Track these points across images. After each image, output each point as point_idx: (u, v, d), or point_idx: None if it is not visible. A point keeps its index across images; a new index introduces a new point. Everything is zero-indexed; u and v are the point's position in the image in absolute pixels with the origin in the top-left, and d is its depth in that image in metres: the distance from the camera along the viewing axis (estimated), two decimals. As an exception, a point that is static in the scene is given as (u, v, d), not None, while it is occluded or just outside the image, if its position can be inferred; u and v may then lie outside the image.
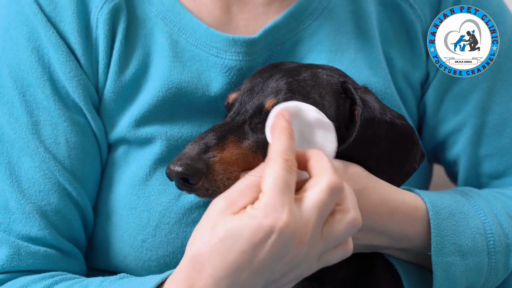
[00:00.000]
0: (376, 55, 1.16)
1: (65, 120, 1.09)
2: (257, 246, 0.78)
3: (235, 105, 0.98)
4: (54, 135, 1.09)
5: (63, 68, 1.09)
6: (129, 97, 1.12)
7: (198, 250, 0.81)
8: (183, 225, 1.10)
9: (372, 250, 1.01)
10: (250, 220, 0.78)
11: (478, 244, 0.99)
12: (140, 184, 1.11)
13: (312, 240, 0.80)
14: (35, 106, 1.09)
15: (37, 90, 1.09)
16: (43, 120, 1.09)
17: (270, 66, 1.04)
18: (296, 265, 0.82)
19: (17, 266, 1.04)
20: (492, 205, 1.04)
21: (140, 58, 1.12)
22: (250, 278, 0.80)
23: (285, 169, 0.80)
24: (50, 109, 1.09)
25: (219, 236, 0.79)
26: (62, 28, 1.10)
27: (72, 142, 1.09)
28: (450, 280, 0.97)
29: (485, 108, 1.17)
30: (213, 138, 0.91)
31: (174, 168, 0.87)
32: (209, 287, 0.81)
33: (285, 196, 0.79)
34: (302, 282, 0.99)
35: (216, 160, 0.89)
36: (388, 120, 0.97)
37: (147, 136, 1.11)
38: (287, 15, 1.14)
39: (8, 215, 1.05)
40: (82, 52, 1.10)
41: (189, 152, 0.88)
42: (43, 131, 1.08)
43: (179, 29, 1.13)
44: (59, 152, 1.08)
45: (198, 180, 0.88)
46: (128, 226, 1.11)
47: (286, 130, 0.84)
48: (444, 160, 1.25)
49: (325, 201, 0.80)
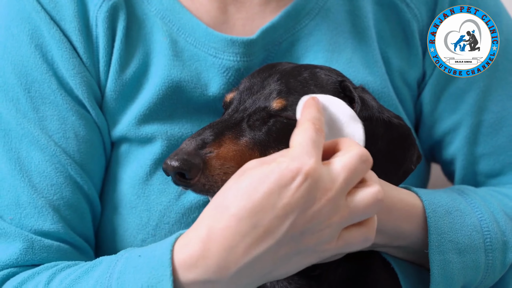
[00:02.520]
0: (373, 54, 1.16)
1: (73, 114, 1.09)
2: (283, 188, 0.80)
3: (233, 103, 0.98)
4: (62, 129, 1.09)
5: (67, 65, 1.09)
6: (130, 95, 1.13)
7: (223, 195, 0.83)
8: (183, 225, 1.10)
9: (369, 248, 1.00)
10: (278, 164, 0.82)
11: (475, 242, 0.99)
12: (140, 184, 1.12)
13: (336, 200, 0.82)
14: (41, 102, 1.09)
15: (43, 86, 1.09)
16: (50, 115, 1.08)
17: (268, 66, 1.04)
18: (317, 226, 0.82)
19: (31, 260, 1.03)
20: (489, 202, 1.04)
21: (141, 57, 1.13)
22: (271, 223, 0.81)
23: (314, 129, 0.84)
24: (58, 103, 1.09)
25: (246, 180, 0.82)
26: (64, 26, 1.10)
27: (81, 136, 1.09)
28: (447, 277, 0.97)
29: (482, 107, 1.18)
30: (210, 134, 0.91)
31: (171, 163, 0.88)
32: (230, 228, 0.82)
33: (313, 149, 0.82)
34: (300, 281, 1.01)
35: (212, 156, 0.89)
36: (386, 119, 0.97)
37: (148, 135, 1.12)
38: (284, 15, 1.14)
39: (20, 211, 1.05)
40: (84, 50, 1.10)
41: (185, 148, 0.89)
42: (51, 126, 1.08)
43: (178, 28, 1.13)
44: (68, 146, 1.08)
45: (195, 175, 0.88)
46: (129, 226, 1.12)
47: (315, 105, 0.88)
48: (441, 159, 1.25)
49: (355, 166, 0.83)
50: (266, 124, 0.94)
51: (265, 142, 0.94)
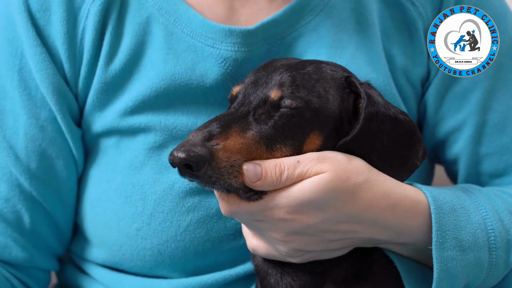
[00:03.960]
0: (377, 51, 1.16)
1: (26, 112, 1.11)
2: None
3: (239, 96, 0.98)
4: (14, 126, 1.12)
5: (34, 60, 1.10)
6: (119, 86, 1.13)
7: None
8: (177, 213, 1.11)
9: (372, 244, 1.00)
10: None
11: (479, 240, 0.98)
12: (134, 173, 1.12)
13: None
14: (2, 96, 1.12)
15: (7, 81, 1.11)
16: (8, 110, 1.12)
17: (274, 61, 1.04)
18: None
19: None
20: (493, 201, 1.04)
21: (132, 47, 1.13)
22: None
23: None
24: (15, 99, 1.11)
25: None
26: (45, 17, 1.11)
27: (30, 135, 1.12)
28: (450, 275, 0.96)
29: (486, 106, 1.17)
30: (217, 127, 0.90)
31: (178, 154, 0.87)
32: None
33: None
34: (304, 277, 1.01)
35: (219, 148, 0.88)
36: (392, 115, 0.97)
37: (140, 125, 1.12)
38: (288, 11, 1.14)
39: None
40: (63, 41, 1.11)
41: (192, 139, 0.88)
42: (6, 121, 1.12)
43: (175, 19, 1.13)
44: (17, 143, 1.12)
45: (202, 167, 0.87)
46: (124, 215, 1.12)
47: None
48: (444, 158, 1.24)
49: None
50: (272, 118, 0.94)
51: (271, 136, 0.93)
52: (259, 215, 0.93)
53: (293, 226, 0.93)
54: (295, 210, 0.92)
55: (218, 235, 1.12)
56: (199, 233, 1.11)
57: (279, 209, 0.92)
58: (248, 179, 0.90)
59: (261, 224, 0.95)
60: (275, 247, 0.98)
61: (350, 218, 0.94)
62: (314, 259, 0.99)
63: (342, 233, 0.95)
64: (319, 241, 0.96)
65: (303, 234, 0.94)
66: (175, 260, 1.13)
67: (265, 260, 1.04)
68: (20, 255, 1.15)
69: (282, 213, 0.92)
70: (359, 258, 1.01)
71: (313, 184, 0.91)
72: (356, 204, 0.93)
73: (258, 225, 0.96)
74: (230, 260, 1.14)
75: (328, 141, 0.96)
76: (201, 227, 1.11)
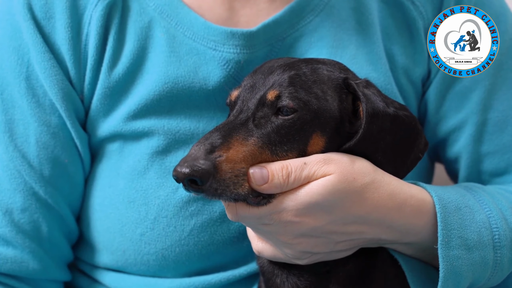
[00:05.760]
0: (377, 51, 1.16)
1: (36, 120, 1.11)
2: None
3: (238, 103, 0.97)
4: (25, 134, 1.11)
5: (42, 66, 1.10)
6: (123, 90, 1.13)
7: None
8: (181, 218, 1.10)
9: (378, 244, 1.00)
10: None
11: (483, 238, 0.98)
12: (138, 178, 1.11)
13: None
14: (10, 105, 1.11)
15: (14, 89, 1.11)
16: (17, 119, 1.11)
17: (269, 62, 1.04)
18: None
19: None
20: (497, 200, 1.04)
21: (135, 51, 1.12)
22: None
23: None
24: (23, 108, 1.11)
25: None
26: (50, 25, 1.11)
27: (42, 142, 1.11)
28: (456, 273, 0.96)
29: (487, 105, 1.18)
30: (218, 138, 0.90)
31: (181, 170, 0.86)
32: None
33: None
34: (310, 277, 1.01)
35: (222, 160, 0.88)
36: (392, 113, 0.96)
37: (144, 129, 1.11)
38: (288, 11, 1.14)
39: None
40: (68, 47, 1.11)
41: (195, 153, 0.88)
42: (16, 130, 1.11)
43: (177, 23, 1.13)
44: (29, 151, 1.11)
45: (206, 181, 0.87)
46: (127, 220, 1.11)
47: None
48: (445, 157, 1.25)
49: None
50: (272, 122, 0.93)
51: (274, 140, 0.92)
52: (267, 218, 0.93)
53: (301, 228, 0.93)
54: (302, 212, 0.91)
55: (222, 238, 1.12)
56: (203, 237, 1.11)
57: (286, 212, 0.92)
58: (255, 182, 0.90)
59: (268, 228, 0.95)
60: (281, 250, 0.98)
61: (357, 219, 0.94)
62: (321, 260, 0.99)
63: (349, 234, 0.95)
64: (326, 243, 0.96)
65: (310, 236, 0.94)
66: (179, 264, 1.12)
67: (271, 261, 1.04)
68: (37, 267, 1.13)
69: (289, 216, 0.92)
70: (364, 258, 1.01)
71: (320, 186, 0.91)
72: (363, 205, 0.93)
73: (265, 228, 0.95)
74: (233, 262, 1.14)
75: (331, 142, 0.96)
76: (205, 231, 1.11)
